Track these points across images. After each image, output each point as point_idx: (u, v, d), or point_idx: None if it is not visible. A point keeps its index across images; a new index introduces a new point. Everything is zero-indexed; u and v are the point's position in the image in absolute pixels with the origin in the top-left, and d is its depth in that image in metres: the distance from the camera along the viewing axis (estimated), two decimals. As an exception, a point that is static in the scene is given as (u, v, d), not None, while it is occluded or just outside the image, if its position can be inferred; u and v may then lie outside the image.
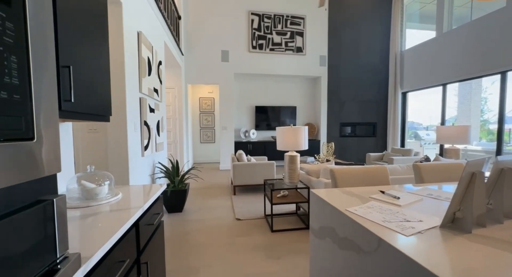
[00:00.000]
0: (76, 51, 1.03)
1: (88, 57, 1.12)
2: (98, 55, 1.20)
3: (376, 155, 5.44)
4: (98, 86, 1.20)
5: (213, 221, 2.93)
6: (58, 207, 0.45)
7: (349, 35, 6.67)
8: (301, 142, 2.57)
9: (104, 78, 1.26)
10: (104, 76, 1.26)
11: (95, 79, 1.17)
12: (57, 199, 0.45)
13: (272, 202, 2.59)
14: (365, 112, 6.75)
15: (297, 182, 2.72)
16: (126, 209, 1.05)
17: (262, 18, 6.39)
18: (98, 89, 1.20)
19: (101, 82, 1.23)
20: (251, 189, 4.36)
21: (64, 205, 0.48)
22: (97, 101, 1.20)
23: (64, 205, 0.47)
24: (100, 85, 1.22)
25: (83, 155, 2.33)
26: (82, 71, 1.08)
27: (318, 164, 2.83)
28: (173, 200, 3.15)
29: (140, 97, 2.73)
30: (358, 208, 1.01)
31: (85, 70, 1.10)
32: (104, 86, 1.26)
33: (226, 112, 6.36)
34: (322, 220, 1.18)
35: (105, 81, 1.28)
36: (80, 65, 1.06)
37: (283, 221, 2.91)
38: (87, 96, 1.11)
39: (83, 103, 1.08)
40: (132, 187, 1.43)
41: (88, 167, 1.17)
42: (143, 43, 2.74)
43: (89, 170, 1.18)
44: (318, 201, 1.23)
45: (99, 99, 1.21)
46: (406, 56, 6.10)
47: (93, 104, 1.16)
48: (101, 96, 1.23)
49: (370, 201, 1.12)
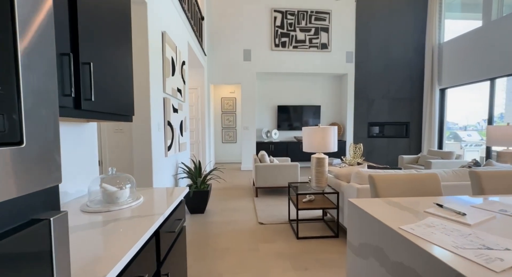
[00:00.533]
0: (97, 47, 0.98)
1: (110, 55, 1.06)
2: (120, 52, 1.15)
3: (410, 158, 4.99)
4: (121, 85, 1.15)
5: (236, 224, 2.84)
6: (56, 227, 0.36)
7: (379, 29, 6.23)
8: (329, 143, 2.37)
9: (127, 77, 1.21)
10: (127, 74, 1.21)
11: (117, 77, 1.12)
12: (55, 219, 0.36)
13: (297, 207, 2.43)
14: (397, 110, 6.26)
15: (325, 187, 2.52)
16: (147, 215, 0.97)
17: (285, 15, 6.21)
18: (121, 88, 1.15)
19: (123, 81, 1.17)
20: (274, 191, 4.22)
21: (65, 224, 0.38)
22: (120, 101, 1.14)
23: (65, 224, 0.38)
24: (122, 84, 1.16)
25: (109, 155, 2.37)
26: (104, 69, 1.02)
27: (348, 167, 2.61)
28: (195, 201, 3.12)
29: (164, 97, 2.73)
30: (414, 227, 0.82)
31: (107, 68, 1.04)
32: (126, 85, 1.20)
33: (247, 112, 6.28)
34: (365, 236, 1.01)
35: (128, 80, 1.22)
36: (101, 63, 1.00)
37: (308, 227, 2.73)
38: (109, 95, 1.06)
39: (105, 102, 1.02)
40: (154, 190, 1.37)
41: (109, 169, 1.12)
42: (167, 43, 2.74)
43: (111, 172, 1.12)
44: (359, 213, 1.05)
45: (121, 99, 1.15)
46: (445, 49, 5.54)
47: (115, 103, 1.10)
48: (123, 95, 1.17)
49: (427, 216, 0.93)
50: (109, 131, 2.37)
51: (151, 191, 1.35)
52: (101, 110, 1.01)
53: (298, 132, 6.92)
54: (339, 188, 2.54)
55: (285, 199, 3.76)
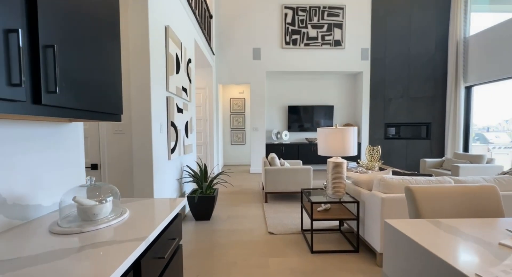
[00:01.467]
0: (68, 27, 0.78)
1: (87, 38, 0.86)
2: (104, 37, 0.95)
3: (433, 162, 4.59)
4: (103, 77, 0.95)
5: (243, 233, 2.61)
6: None
7: (397, 24, 5.85)
8: (349, 146, 2.10)
9: (113, 68, 1.01)
10: (113, 65, 1.01)
11: (98, 68, 0.92)
12: None
13: (312, 217, 2.17)
14: (417, 110, 5.84)
15: (342, 195, 2.25)
16: (125, 240, 0.76)
17: (296, 11, 5.96)
18: (103, 81, 0.95)
19: (107, 72, 0.98)
20: (285, 197, 3.96)
21: None
22: (102, 96, 0.94)
23: None
24: (106, 76, 0.96)
25: (108, 159, 2.21)
26: (79, 56, 0.82)
27: (369, 173, 2.32)
28: (200, 207, 2.92)
29: (167, 96, 2.55)
30: (500, 273, 0.56)
31: (84, 55, 0.85)
32: (112, 78, 1.00)
33: (257, 113, 6.06)
34: (413, 272, 0.75)
35: (114, 72, 1.02)
36: (74, 47, 0.80)
37: (324, 239, 2.46)
38: (86, 89, 0.86)
39: (79, 97, 0.83)
40: (145, 202, 1.16)
41: (87, 179, 0.92)
42: (170, 38, 2.56)
43: (88, 182, 0.92)
44: (403, 241, 0.80)
45: (104, 94, 0.95)
46: (471, 43, 5.09)
47: (95, 99, 0.90)
48: (107, 90, 0.97)
49: (506, 251, 0.66)
50: (108, 132, 2.21)
51: (141, 203, 1.15)
52: (73, 106, 0.81)
53: (309, 134, 6.63)
54: (359, 196, 2.26)
55: (297, 206, 3.50)
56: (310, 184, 3.66)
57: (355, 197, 2.31)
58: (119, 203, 1.01)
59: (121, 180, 2.24)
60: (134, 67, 2.07)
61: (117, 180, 2.23)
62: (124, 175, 2.24)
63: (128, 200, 1.18)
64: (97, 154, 2.21)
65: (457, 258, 0.64)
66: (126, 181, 2.25)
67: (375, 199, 1.97)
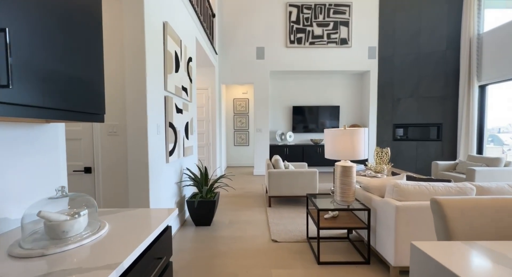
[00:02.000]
0: (27, 8, 0.65)
1: (54, 22, 0.73)
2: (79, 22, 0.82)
3: (446, 164, 4.36)
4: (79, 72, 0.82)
5: (245, 241, 2.46)
6: None
7: (406, 20, 5.64)
8: (359, 149, 1.94)
9: (93, 62, 0.88)
10: (92, 57, 0.88)
11: (73, 60, 0.79)
12: None
13: (319, 225, 2.01)
14: (427, 110, 5.60)
15: (352, 201, 2.08)
16: (95, 268, 0.62)
17: (301, 9, 5.80)
18: (79, 77, 0.82)
19: (85, 67, 0.84)
20: (289, 201, 3.80)
21: None
22: (78, 94, 0.81)
23: None
24: (83, 70, 0.83)
25: (102, 162, 2.09)
26: (45, 45, 0.69)
27: (380, 178, 2.15)
28: (200, 211, 2.78)
29: (166, 95, 2.43)
30: None
31: (53, 44, 0.72)
32: (90, 73, 0.87)
33: (261, 113, 5.91)
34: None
35: (94, 67, 0.89)
36: (38, 34, 0.67)
37: (331, 248, 2.30)
38: (55, 83, 0.73)
39: (44, 93, 0.69)
40: (130, 213, 1.02)
41: (57, 190, 0.79)
42: (169, 35, 2.44)
43: (59, 193, 0.79)
44: (437, 271, 0.64)
45: (81, 91, 0.82)
46: (486, 40, 4.85)
47: (67, 96, 0.77)
48: (84, 87, 0.84)
49: None
50: (103, 133, 2.10)
51: (126, 215, 1.01)
52: (38, 104, 0.68)
53: (314, 135, 6.45)
54: (370, 203, 2.09)
55: (302, 211, 3.33)
56: (316, 187, 3.49)
57: (365, 203, 2.14)
58: (97, 216, 0.87)
59: (116, 184, 2.12)
60: (128, 64, 1.95)
61: (112, 184, 2.11)
62: (119, 178, 2.12)
63: (111, 211, 1.05)
64: (91, 157, 2.10)
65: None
66: (121, 185, 2.13)
67: (388, 207, 1.80)
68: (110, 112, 2.07)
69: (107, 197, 2.11)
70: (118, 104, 2.08)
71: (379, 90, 5.99)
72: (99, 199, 2.11)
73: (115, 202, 2.11)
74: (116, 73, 2.07)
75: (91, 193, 2.10)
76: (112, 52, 2.07)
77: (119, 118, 2.09)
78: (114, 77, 2.08)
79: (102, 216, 0.98)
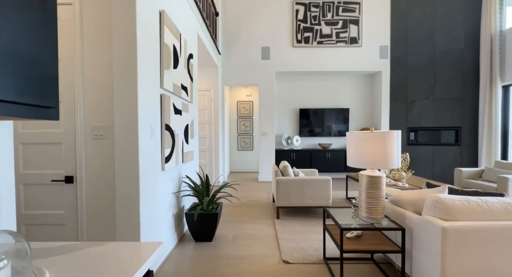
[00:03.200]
0: None
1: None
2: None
3: (470, 172, 3.98)
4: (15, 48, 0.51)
5: (252, 261, 2.12)
6: None
7: (421, 17, 5.33)
8: (391, 156, 1.61)
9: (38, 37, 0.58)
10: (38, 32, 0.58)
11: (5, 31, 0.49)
12: None
13: (342, 248, 1.66)
14: (444, 113, 5.24)
15: (381, 219, 1.74)
16: None
17: (308, 7, 5.54)
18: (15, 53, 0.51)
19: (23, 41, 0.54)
20: (300, 212, 3.45)
21: None
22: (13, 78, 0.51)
23: None
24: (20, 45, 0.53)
25: (86, 171, 1.78)
26: None
27: (414, 191, 1.81)
28: (200, 225, 2.46)
29: (162, 94, 2.13)
30: None
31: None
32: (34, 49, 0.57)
33: (266, 116, 5.61)
34: None
35: (40, 43, 0.59)
36: None
37: (353, 271, 1.94)
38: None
39: None
40: (94, 251, 0.70)
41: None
42: (166, 26, 2.16)
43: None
44: None
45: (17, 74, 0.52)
46: (508, 38, 4.51)
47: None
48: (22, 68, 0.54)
49: None
50: (87, 136, 1.80)
51: (83, 255, 0.69)
52: None
53: (322, 139, 6.11)
54: (402, 220, 1.74)
55: (314, 224, 2.97)
56: (329, 197, 3.15)
57: (397, 221, 1.79)
58: (30, 265, 0.56)
59: (102, 196, 1.81)
60: (117, 54, 1.66)
61: (97, 196, 1.80)
62: (105, 190, 1.81)
63: (65, 248, 0.72)
64: (73, 164, 1.80)
65: None
66: (108, 197, 1.81)
67: (432, 228, 1.45)
68: (95, 112, 1.78)
69: (91, 211, 1.80)
70: (105, 102, 1.78)
71: (392, 92, 5.65)
72: (81, 213, 1.80)
73: (101, 219, 1.80)
74: (103, 65, 1.78)
75: (72, 206, 1.80)
76: (98, 41, 1.78)
77: (106, 119, 1.79)
78: (101, 69, 1.79)
79: (45, 258, 0.67)
